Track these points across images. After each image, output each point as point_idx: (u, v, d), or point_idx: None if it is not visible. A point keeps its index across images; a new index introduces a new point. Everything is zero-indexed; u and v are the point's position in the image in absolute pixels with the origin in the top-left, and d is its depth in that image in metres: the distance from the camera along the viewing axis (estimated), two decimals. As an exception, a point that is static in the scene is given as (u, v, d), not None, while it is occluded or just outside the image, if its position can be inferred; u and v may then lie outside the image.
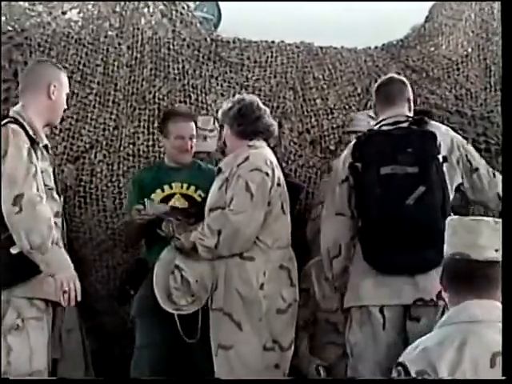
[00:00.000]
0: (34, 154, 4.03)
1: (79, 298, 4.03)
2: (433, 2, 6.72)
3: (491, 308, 2.72)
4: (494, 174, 4.61)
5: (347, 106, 6.52)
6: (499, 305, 2.74)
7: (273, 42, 6.56)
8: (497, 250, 2.76)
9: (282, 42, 6.57)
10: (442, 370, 2.55)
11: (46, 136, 4.36)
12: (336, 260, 4.55)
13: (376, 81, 6.52)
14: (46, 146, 4.22)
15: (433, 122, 4.60)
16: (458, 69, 6.68)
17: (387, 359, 4.18)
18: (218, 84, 6.42)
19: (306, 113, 6.45)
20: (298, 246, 5.06)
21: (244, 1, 6.73)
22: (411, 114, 4.65)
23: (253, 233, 4.47)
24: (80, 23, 6.30)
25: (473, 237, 2.78)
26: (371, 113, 6.07)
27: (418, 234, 4.23)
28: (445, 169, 4.39)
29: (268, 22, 6.58)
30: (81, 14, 6.30)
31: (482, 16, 6.76)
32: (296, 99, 6.51)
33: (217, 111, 6.34)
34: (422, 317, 4.23)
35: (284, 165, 5.97)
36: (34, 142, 4.08)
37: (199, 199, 5.28)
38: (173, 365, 5.18)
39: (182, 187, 5.38)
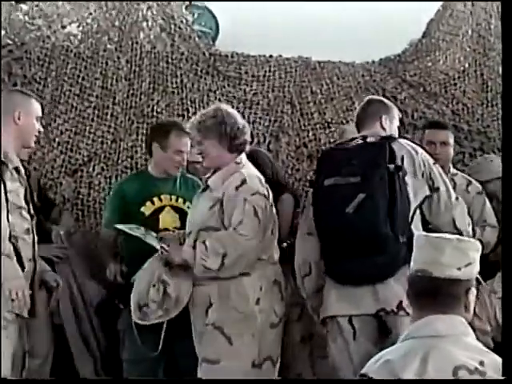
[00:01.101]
0: None
1: (28, 307, 4.22)
2: (430, 18, 6.75)
3: (455, 323, 2.74)
4: (456, 198, 4.56)
5: (344, 121, 6.53)
6: (463, 319, 2.77)
7: (271, 56, 6.59)
8: (459, 269, 2.76)
9: (280, 56, 6.60)
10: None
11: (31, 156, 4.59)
12: (307, 278, 4.57)
13: (373, 95, 6.62)
14: (16, 168, 4.40)
15: (401, 140, 4.55)
16: (455, 84, 6.70)
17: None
18: (216, 98, 6.44)
19: (303, 127, 6.48)
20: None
21: (243, 0, 6.72)
22: (385, 133, 4.60)
23: (256, 256, 4.48)
24: (79, 37, 6.33)
25: (436, 254, 2.79)
26: None
27: (363, 242, 4.22)
28: (408, 180, 4.35)
29: (266, 36, 6.59)
30: (80, 28, 6.33)
31: (479, 31, 6.79)
32: (293, 113, 6.54)
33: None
34: (393, 328, 4.25)
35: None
36: (2, 164, 4.30)
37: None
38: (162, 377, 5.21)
39: (171, 199, 5.29)
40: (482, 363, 2.65)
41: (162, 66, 6.40)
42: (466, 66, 6.75)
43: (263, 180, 4.54)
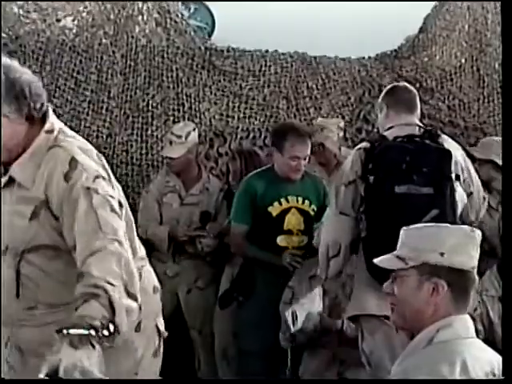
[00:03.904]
0: None
1: None
2: (427, 13, 6.74)
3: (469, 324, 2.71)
4: (483, 198, 4.54)
5: (341, 116, 6.53)
6: None
7: (267, 51, 6.58)
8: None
9: (276, 51, 6.58)
10: None
11: None
12: (334, 260, 4.40)
13: (370, 91, 6.61)
14: None
15: (444, 136, 4.48)
16: (452, 79, 6.69)
17: None
18: (211, 93, 6.43)
19: (299, 122, 6.46)
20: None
21: (239, 0, 6.71)
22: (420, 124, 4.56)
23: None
24: (74, 31, 6.31)
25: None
26: (341, 123, 6.05)
27: None
28: (457, 187, 4.31)
29: (262, 31, 6.57)
30: (75, 22, 6.31)
31: (476, 27, 6.77)
32: (289, 108, 6.52)
33: (210, 120, 6.40)
34: None
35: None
36: None
37: (312, 214, 5.24)
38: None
39: (297, 201, 5.24)
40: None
41: (157, 61, 6.38)
42: (463, 61, 6.74)
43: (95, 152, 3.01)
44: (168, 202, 5.76)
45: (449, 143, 4.43)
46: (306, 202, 5.24)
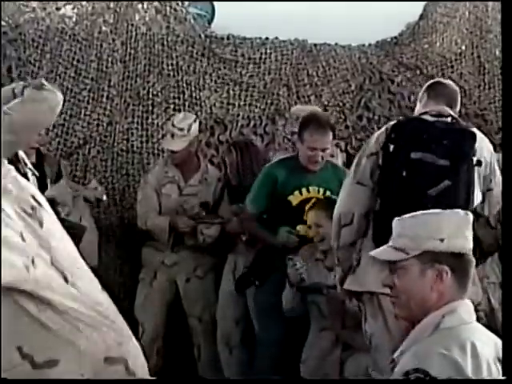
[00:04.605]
0: None
1: None
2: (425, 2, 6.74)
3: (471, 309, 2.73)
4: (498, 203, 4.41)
5: (341, 103, 6.53)
6: None
7: (267, 38, 6.57)
8: None
9: (276, 38, 6.57)
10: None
11: None
12: (346, 228, 4.31)
13: (370, 78, 6.60)
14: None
15: (477, 131, 4.36)
16: (452, 66, 6.69)
17: None
18: (211, 80, 6.42)
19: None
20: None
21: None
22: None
23: None
24: (74, 19, 6.29)
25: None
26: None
27: None
28: (477, 174, 4.24)
29: (262, 19, 6.56)
30: (75, 10, 6.29)
31: (476, 14, 6.77)
32: (290, 96, 6.52)
33: (210, 107, 6.40)
34: None
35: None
36: None
37: None
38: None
39: (318, 191, 5.18)
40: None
41: (157, 49, 6.37)
42: (463, 48, 6.73)
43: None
44: (167, 193, 5.76)
45: (481, 138, 4.35)
46: (328, 192, 5.17)
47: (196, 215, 5.71)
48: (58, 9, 6.25)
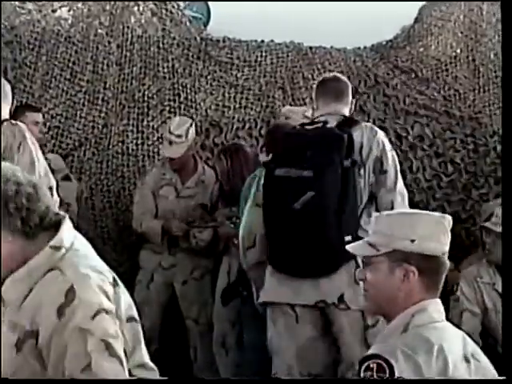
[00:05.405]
0: None
1: None
2: (422, 3, 6.74)
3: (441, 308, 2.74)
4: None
5: (336, 106, 6.52)
6: None
7: (262, 41, 6.58)
8: None
9: (272, 41, 6.58)
10: None
11: None
12: (250, 250, 4.44)
13: (365, 81, 6.61)
14: None
15: (364, 124, 4.44)
16: (447, 70, 6.70)
17: (306, 352, 4.23)
18: (207, 83, 6.43)
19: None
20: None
21: (233, 0, 6.72)
22: (348, 113, 4.47)
23: None
24: (70, 21, 6.30)
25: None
26: (307, 111, 6.01)
27: (308, 239, 4.15)
28: (363, 172, 4.24)
29: (258, 21, 6.58)
30: (71, 12, 6.30)
31: (471, 17, 6.78)
32: (285, 99, 6.52)
33: (206, 110, 6.40)
34: (334, 320, 4.21)
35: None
36: None
37: None
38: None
39: None
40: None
41: (153, 51, 6.38)
42: (458, 51, 6.74)
43: (105, 269, 2.47)
44: (164, 195, 5.77)
45: (363, 128, 4.34)
46: None
47: (190, 217, 5.73)
48: (53, 11, 6.26)
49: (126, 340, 2.36)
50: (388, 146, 4.35)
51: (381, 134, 4.38)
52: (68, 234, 2.40)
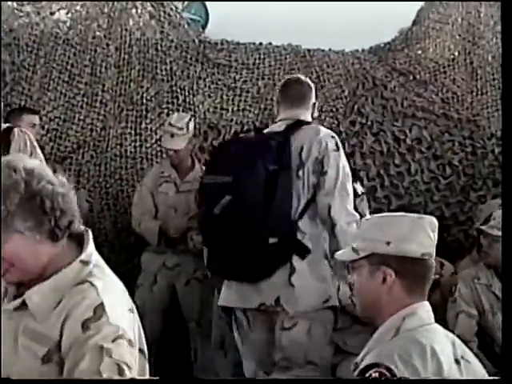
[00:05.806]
0: None
1: None
2: (420, 6, 6.75)
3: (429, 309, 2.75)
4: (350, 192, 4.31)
5: (334, 109, 6.54)
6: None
7: (260, 43, 6.58)
8: None
9: (270, 44, 6.59)
10: None
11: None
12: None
13: (363, 83, 6.62)
14: None
15: (310, 126, 4.37)
16: (445, 72, 6.71)
17: (263, 355, 4.30)
18: (205, 85, 6.43)
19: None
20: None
21: (232, 0, 6.72)
22: (310, 119, 4.42)
23: None
24: (68, 24, 6.30)
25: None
26: None
27: (232, 243, 4.17)
28: (301, 174, 4.19)
29: (256, 24, 6.58)
30: (69, 15, 6.30)
31: (469, 20, 6.78)
32: (283, 101, 6.51)
33: (204, 112, 6.41)
34: (277, 322, 4.23)
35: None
36: None
37: None
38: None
39: None
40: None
41: (151, 54, 6.38)
42: (456, 54, 6.75)
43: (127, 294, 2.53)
44: (163, 192, 5.79)
45: (307, 131, 4.31)
46: None
47: (192, 211, 5.73)
48: (52, 13, 6.26)
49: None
50: (332, 147, 4.26)
51: (325, 135, 4.30)
52: (92, 248, 2.41)
